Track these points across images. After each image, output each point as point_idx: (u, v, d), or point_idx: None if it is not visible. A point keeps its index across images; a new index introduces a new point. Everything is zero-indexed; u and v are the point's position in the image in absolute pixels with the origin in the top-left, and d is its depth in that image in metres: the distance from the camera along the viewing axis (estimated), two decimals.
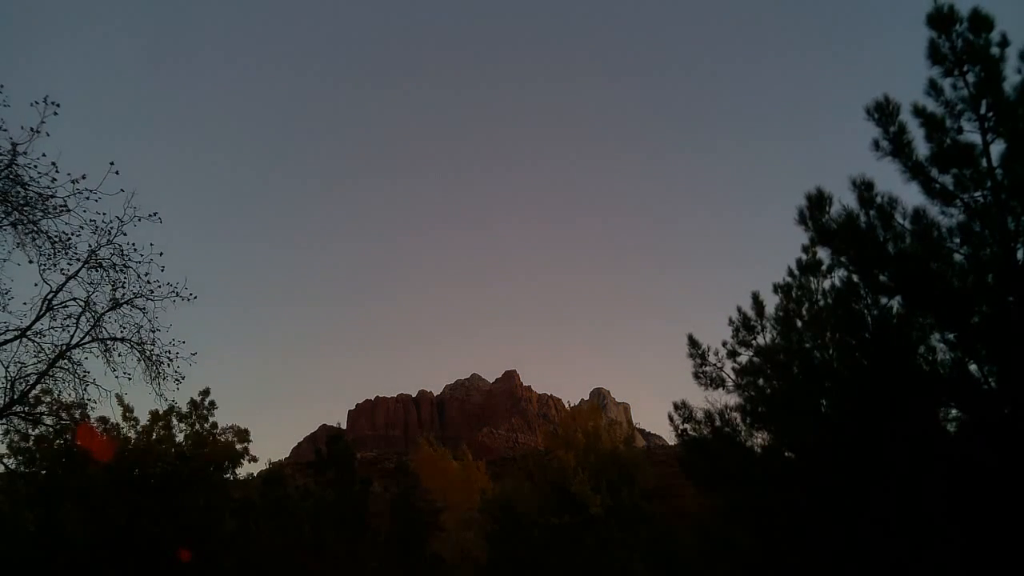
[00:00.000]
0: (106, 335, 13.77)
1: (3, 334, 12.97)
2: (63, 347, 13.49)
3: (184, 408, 25.44)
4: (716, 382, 15.02)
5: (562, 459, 31.34)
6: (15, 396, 13.36)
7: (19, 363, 13.30)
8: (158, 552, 22.65)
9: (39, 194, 11.88)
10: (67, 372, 13.55)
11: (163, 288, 13.65)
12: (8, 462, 21.45)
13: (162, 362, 13.98)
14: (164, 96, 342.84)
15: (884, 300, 10.96)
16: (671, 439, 18.90)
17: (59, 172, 11.73)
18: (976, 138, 10.09)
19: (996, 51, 9.96)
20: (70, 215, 12.28)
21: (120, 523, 22.58)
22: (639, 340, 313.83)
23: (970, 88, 10.06)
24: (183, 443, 25.22)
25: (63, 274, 13.04)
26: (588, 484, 29.85)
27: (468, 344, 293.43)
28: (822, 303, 13.25)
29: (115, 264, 13.22)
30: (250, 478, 28.76)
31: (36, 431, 20.69)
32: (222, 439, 26.16)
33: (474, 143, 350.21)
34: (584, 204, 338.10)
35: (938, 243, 10.17)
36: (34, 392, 14.03)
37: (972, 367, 10.34)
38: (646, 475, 32.36)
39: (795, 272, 13.99)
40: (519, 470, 37.61)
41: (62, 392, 13.87)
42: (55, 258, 12.72)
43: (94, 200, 12.13)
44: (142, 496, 23.22)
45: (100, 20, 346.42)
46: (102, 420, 23.36)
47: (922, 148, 10.36)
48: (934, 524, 10.25)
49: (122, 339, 13.85)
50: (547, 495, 30.87)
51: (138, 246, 13.24)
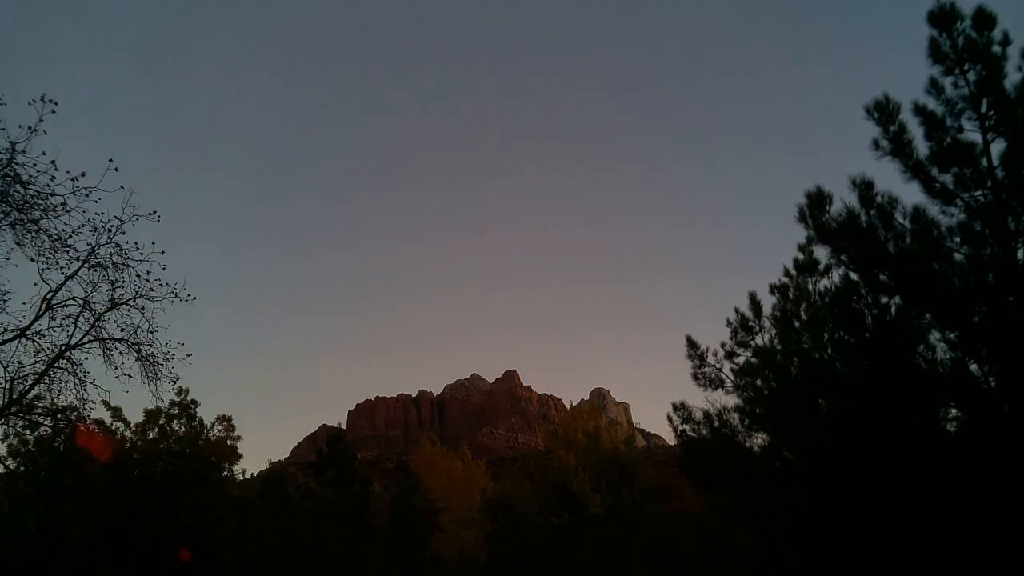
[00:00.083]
0: (105, 335, 13.76)
1: (2, 334, 12.94)
2: (62, 347, 13.46)
3: (170, 408, 25.42)
4: (715, 383, 15.00)
5: (562, 459, 31.32)
6: (14, 396, 13.33)
7: (18, 363, 13.28)
8: (158, 552, 22.65)
9: (38, 193, 11.84)
10: (66, 372, 13.53)
11: (162, 288, 13.63)
12: (8, 462, 21.47)
13: (159, 363, 13.97)
14: (164, 101, 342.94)
15: (884, 299, 10.94)
16: (671, 439, 18.88)
17: (58, 171, 11.70)
18: (977, 137, 10.05)
19: (997, 49, 9.92)
20: (69, 214, 12.24)
21: (120, 523, 22.57)
22: (639, 341, 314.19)
23: (971, 87, 10.02)
24: (178, 442, 25.21)
25: (62, 273, 13.01)
26: (588, 484, 29.83)
27: (468, 344, 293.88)
28: (819, 303, 13.22)
29: (115, 263, 13.18)
30: (250, 477, 28.79)
31: (35, 431, 20.66)
32: (213, 435, 26.19)
33: (475, 151, 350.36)
34: (585, 212, 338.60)
35: (938, 242, 10.14)
36: (33, 392, 13.98)
37: (972, 367, 10.32)
38: (646, 475, 32.35)
39: (792, 272, 13.95)
40: (519, 470, 37.63)
41: (61, 392, 13.84)
42: (54, 257, 12.70)
43: (94, 200, 12.09)
44: (142, 496, 23.21)
45: (101, 20, 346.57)
46: (99, 422, 23.37)
47: (922, 147, 10.32)
48: (934, 524, 10.22)
49: (121, 339, 13.83)
50: (547, 495, 30.85)
51: (139, 245, 13.22)
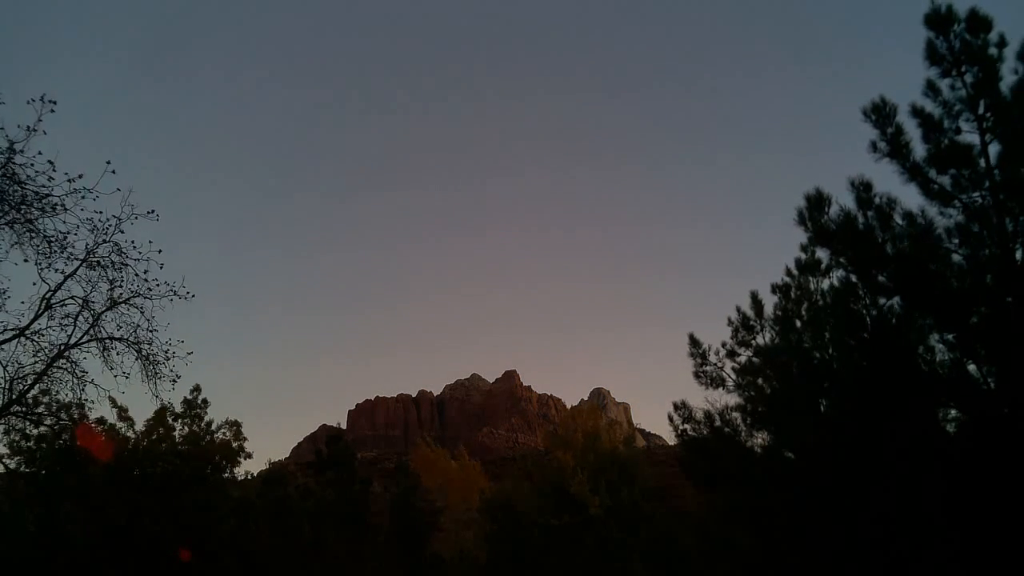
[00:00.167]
0: (104, 334, 13.74)
1: (2, 333, 12.94)
2: (61, 347, 13.44)
3: (179, 407, 25.41)
4: (716, 382, 15.03)
5: (561, 459, 31.33)
6: (14, 396, 13.32)
7: (17, 363, 13.26)
8: (158, 552, 22.64)
9: (36, 193, 11.84)
10: (65, 372, 13.52)
11: (161, 287, 13.61)
12: (8, 462, 21.47)
13: (159, 361, 13.94)
14: (164, 100, 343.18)
15: (883, 301, 10.95)
16: (671, 439, 18.90)
17: (56, 171, 11.69)
18: (974, 138, 10.08)
19: (994, 51, 9.96)
20: (67, 214, 12.22)
21: (120, 523, 22.56)
22: (639, 341, 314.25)
23: (968, 88, 10.05)
24: (181, 442, 25.18)
25: (61, 273, 13.00)
26: (587, 484, 29.84)
27: (468, 344, 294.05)
28: (821, 303, 13.24)
29: (113, 262, 13.17)
30: (249, 477, 28.75)
31: (35, 431, 20.66)
32: (219, 437, 26.15)
33: (476, 152, 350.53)
34: (585, 212, 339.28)
35: (937, 244, 10.17)
36: (33, 392, 13.98)
37: (971, 367, 10.34)
38: (646, 475, 32.36)
39: (794, 272, 13.99)
40: (519, 470, 37.63)
41: (61, 392, 13.84)
42: (53, 257, 12.68)
43: (91, 199, 12.09)
44: (142, 496, 23.19)
45: (101, 20, 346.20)
46: (100, 421, 23.36)
47: (920, 149, 10.36)
48: (934, 524, 10.24)
49: (120, 338, 13.80)
50: (546, 495, 30.86)
51: (137, 244, 13.20)
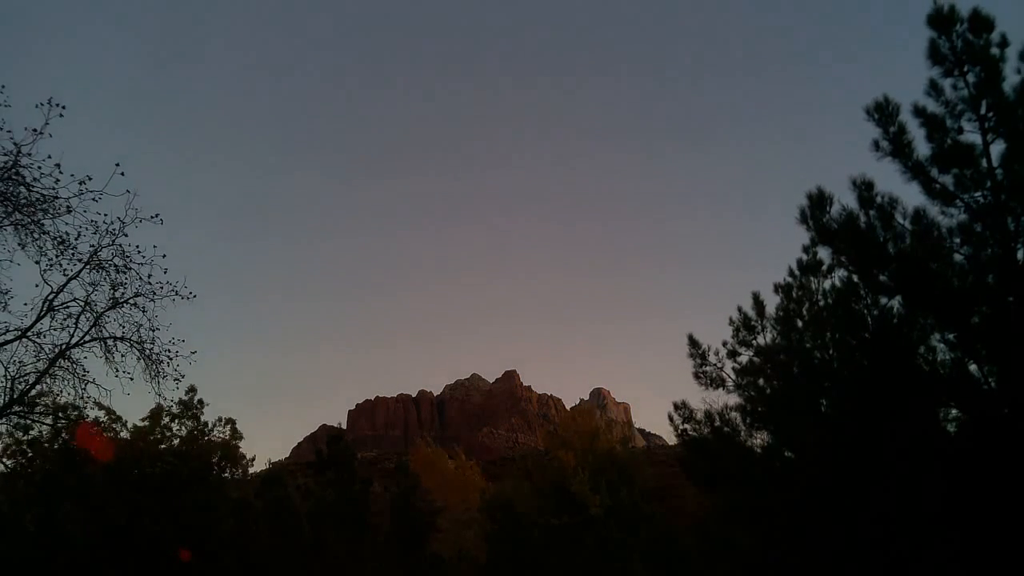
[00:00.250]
0: (106, 334, 13.74)
1: (3, 334, 12.94)
2: (63, 346, 13.45)
3: (175, 408, 25.37)
4: (716, 382, 15.02)
5: (562, 459, 31.34)
6: (15, 396, 13.32)
7: (19, 362, 13.26)
8: (158, 552, 22.63)
9: (42, 195, 11.84)
10: (67, 372, 13.52)
11: (163, 288, 13.61)
12: (8, 462, 21.46)
13: (162, 361, 13.94)
14: (164, 93, 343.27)
15: (884, 300, 10.96)
16: (671, 439, 18.89)
17: (63, 173, 11.68)
18: (976, 138, 10.10)
19: (996, 51, 9.97)
20: (72, 216, 12.24)
21: (120, 523, 22.55)
22: (639, 340, 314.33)
23: (970, 88, 10.06)
24: (179, 442, 25.18)
25: (64, 275, 13.00)
26: (588, 484, 29.85)
27: (468, 344, 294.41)
28: (822, 303, 13.25)
29: (116, 265, 13.17)
30: (248, 477, 28.73)
31: (36, 431, 20.65)
32: (216, 437, 26.15)
33: (475, 142, 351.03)
34: (585, 204, 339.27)
35: (938, 243, 10.17)
36: (34, 392, 13.97)
37: (972, 367, 10.35)
38: (646, 475, 32.39)
39: (795, 272, 13.99)
40: (519, 470, 37.63)
41: (62, 392, 13.83)
42: (57, 259, 12.69)
43: (93, 199, 12.07)
44: (142, 496, 23.18)
45: (100, 20, 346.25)
46: (98, 422, 23.33)
47: (922, 148, 10.38)
48: (934, 524, 10.25)
49: (122, 338, 13.80)
50: (547, 495, 30.87)
51: (140, 247, 13.18)
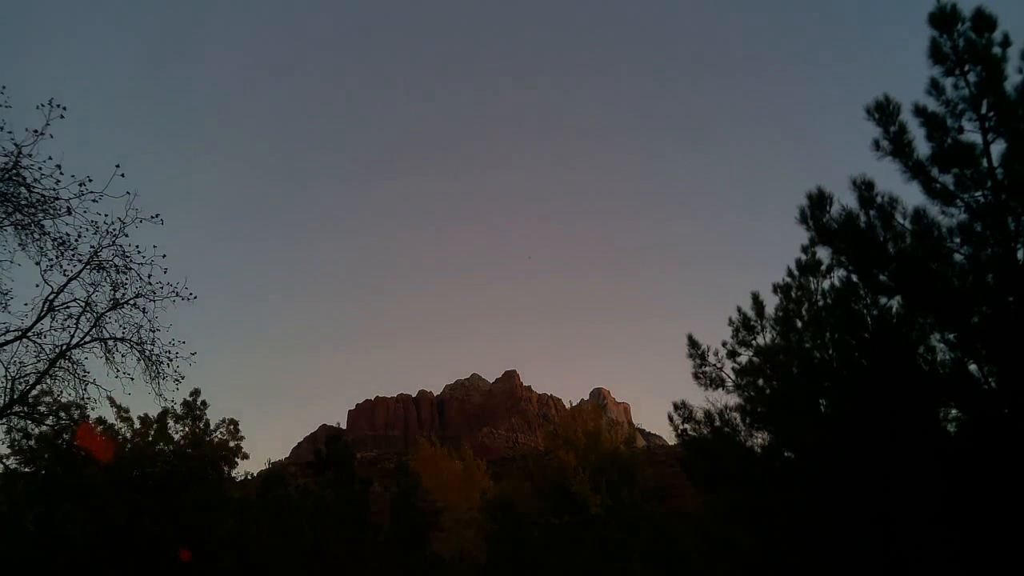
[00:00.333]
0: (107, 335, 13.76)
1: (4, 335, 12.95)
2: (63, 347, 13.46)
3: (179, 409, 25.35)
4: (716, 382, 15.01)
5: (562, 459, 31.37)
6: (15, 396, 13.34)
7: (19, 363, 13.28)
8: (158, 552, 22.62)
9: (43, 196, 11.84)
10: (67, 372, 13.54)
11: (164, 288, 13.63)
12: (8, 462, 21.44)
13: (162, 362, 13.96)
14: (164, 93, 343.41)
15: (884, 300, 10.95)
16: (671, 439, 18.89)
17: (63, 174, 11.69)
18: (977, 138, 10.08)
19: (998, 51, 9.95)
20: (72, 216, 12.25)
21: (120, 523, 22.53)
22: (639, 340, 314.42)
23: (971, 88, 10.04)
24: (180, 443, 25.16)
25: (64, 275, 13.02)
26: (588, 484, 29.86)
27: (468, 344, 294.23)
28: (822, 303, 13.24)
29: (116, 265, 13.20)
30: (248, 477, 28.72)
31: (36, 431, 20.64)
32: (217, 438, 26.11)
33: (475, 142, 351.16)
34: (585, 204, 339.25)
35: (938, 243, 10.16)
36: (34, 392, 13.99)
37: (972, 367, 10.33)
38: (646, 475, 32.39)
39: (795, 272, 13.98)
40: (519, 470, 37.65)
41: (62, 392, 13.85)
42: (57, 259, 12.70)
43: (92, 200, 12.08)
44: (142, 496, 23.17)
45: (100, 20, 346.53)
46: (100, 421, 23.35)
47: (923, 148, 10.35)
48: (934, 524, 10.24)
49: (122, 339, 13.82)
50: (547, 495, 30.89)
51: (141, 247, 13.21)
